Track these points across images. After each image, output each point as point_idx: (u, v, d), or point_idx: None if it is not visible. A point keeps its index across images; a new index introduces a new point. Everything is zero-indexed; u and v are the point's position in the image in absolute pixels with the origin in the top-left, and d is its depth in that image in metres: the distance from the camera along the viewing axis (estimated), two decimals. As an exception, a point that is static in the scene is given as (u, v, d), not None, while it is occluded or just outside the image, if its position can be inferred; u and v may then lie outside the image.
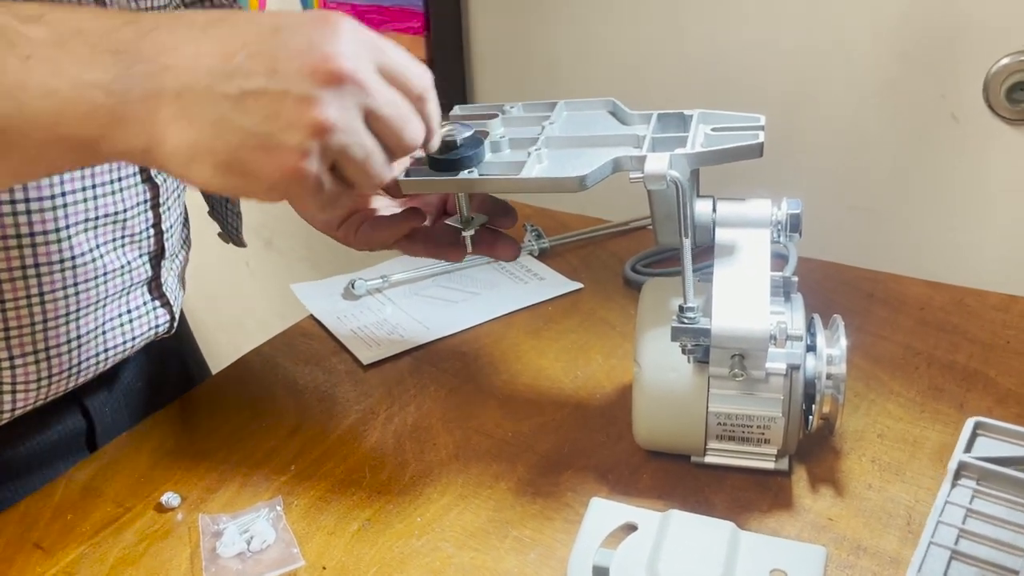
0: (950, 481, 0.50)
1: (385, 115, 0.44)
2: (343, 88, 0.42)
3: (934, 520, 0.47)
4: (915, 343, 0.73)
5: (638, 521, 0.52)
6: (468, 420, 0.67)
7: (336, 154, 0.43)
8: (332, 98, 0.42)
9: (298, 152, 0.42)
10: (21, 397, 0.60)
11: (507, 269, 0.88)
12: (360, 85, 0.43)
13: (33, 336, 0.58)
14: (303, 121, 0.41)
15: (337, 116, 0.42)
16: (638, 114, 0.59)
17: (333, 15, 0.43)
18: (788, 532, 0.55)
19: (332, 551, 0.55)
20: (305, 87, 0.41)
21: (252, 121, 0.41)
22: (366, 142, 0.44)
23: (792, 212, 0.56)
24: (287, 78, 0.41)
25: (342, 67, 0.42)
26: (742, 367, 0.54)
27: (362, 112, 0.43)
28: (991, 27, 0.85)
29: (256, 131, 0.41)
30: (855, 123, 0.94)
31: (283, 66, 0.41)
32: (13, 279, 0.56)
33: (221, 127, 0.41)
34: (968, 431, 0.56)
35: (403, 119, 0.45)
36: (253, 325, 1.60)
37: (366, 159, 0.44)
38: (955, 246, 0.94)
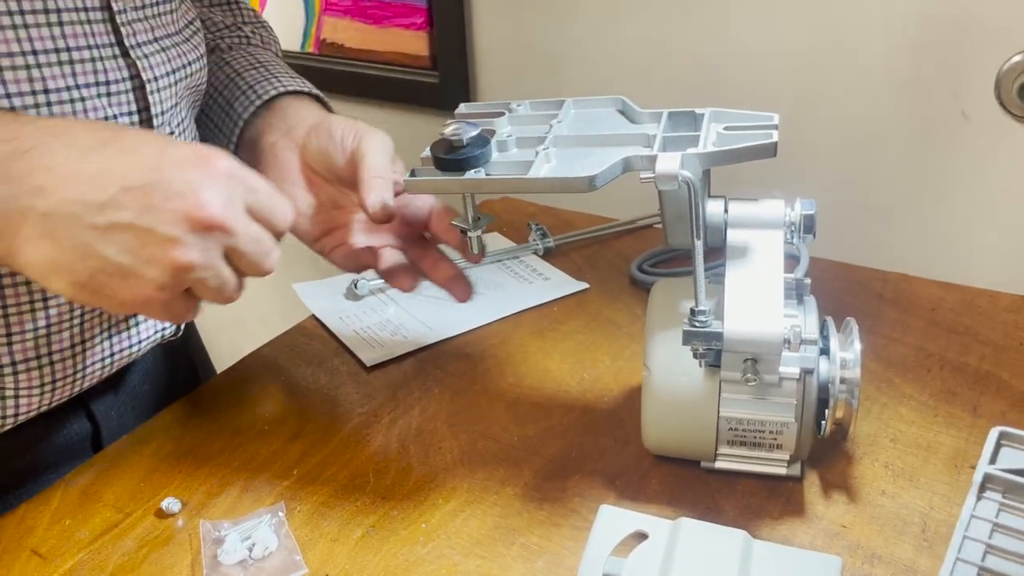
0: (975, 494, 0.49)
1: (247, 252, 0.48)
2: (210, 234, 0.45)
3: (960, 535, 0.46)
4: (926, 345, 0.72)
5: (648, 529, 0.51)
6: (473, 423, 0.66)
7: (190, 283, 0.47)
8: (197, 242, 0.45)
9: (155, 285, 0.45)
10: (24, 403, 0.59)
11: (512, 269, 0.87)
12: (227, 230, 0.46)
13: (36, 341, 0.57)
14: (165, 260, 0.44)
15: (198, 258, 0.45)
16: (648, 112, 0.57)
17: (213, 158, 0.47)
18: (800, 540, 0.54)
19: (336, 559, 0.54)
20: (175, 230, 0.44)
21: (115, 251, 0.44)
22: (222, 273, 0.47)
23: (806, 213, 0.54)
24: (158, 217, 0.44)
25: (213, 215, 0.45)
26: (755, 371, 0.53)
27: (224, 250, 0.47)
28: (1003, 25, 0.83)
29: (117, 261, 0.44)
30: (865, 121, 0.93)
31: (157, 206, 0.44)
32: (15, 284, 0.55)
33: (83, 252, 0.44)
34: (992, 442, 0.54)
35: (263, 253, 0.49)
36: (254, 324, 1.58)
37: (219, 287, 0.48)
38: (966, 246, 0.92)
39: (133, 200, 0.44)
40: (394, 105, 1.23)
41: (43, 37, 0.51)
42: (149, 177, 0.45)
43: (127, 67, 0.56)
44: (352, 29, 1.22)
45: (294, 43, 1.28)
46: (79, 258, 0.44)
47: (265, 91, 0.68)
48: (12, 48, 0.50)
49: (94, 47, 0.54)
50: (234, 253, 0.47)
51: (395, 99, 1.22)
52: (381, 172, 0.58)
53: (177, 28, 0.61)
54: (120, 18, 0.55)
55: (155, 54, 0.58)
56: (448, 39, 1.14)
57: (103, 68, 0.54)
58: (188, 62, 0.61)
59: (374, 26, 1.20)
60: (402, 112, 1.23)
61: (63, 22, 0.52)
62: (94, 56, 0.54)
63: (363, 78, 1.23)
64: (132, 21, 0.56)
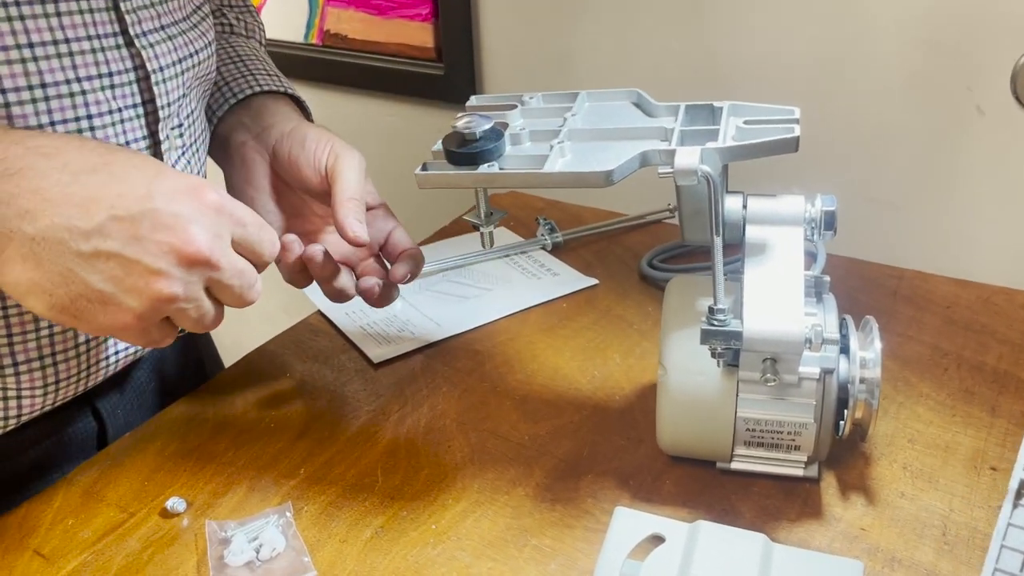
0: (1011, 501, 0.47)
1: (230, 285, 0.48)
2: (195, 268, 0.46)
3: (997, 544, 0.44)
4: (943, 343, 0.71)
5: (665, 532, 0.50)
6: (483, 422, 0.65)
7: (170, 313, 0.47)
8: (182, 275, 0.45)
9: (134, 314, 0.45)
10: (27, 403, 0.58)
11: (520, 264, 0.86)
12: (212, 265, 0.46)
13: (38, 342, 0.56)
14: (148, 291, 0.45)
15: (181, 291, 0.45)
16: (664, 105, 0.56)
17: (203, 189, 0.47)
18: (818, 542, 0.53)
19: (344, 560, 0.53)
20: (160, 262, 0.44)
21: (98, 279, 0.44)
22: (203, 305, 0.48)
23: (827, 209, 0.53)
24: (144, 249, 0.44)
25: (200, 250, 0.45)
26: (774, 371, 0.51)
27: (207, 283, 0.47)
28: (1018, 19, 0.82)
29: (99, 288, 0.44)
30: (879, 115, 0.91)
31: (144, 236, 0.44)
32: None
33: (67, 278, 0.44)
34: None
35: (246, 286, 0.49)
36: (257, 318, 1.57)
37: (199, 318, 0.48)
38: (981, 242, 0.91)
39: (121, 230, 0.44)
40: (398, 97, 1.22)
41: (40, 28, 0.49)
42: (138, 207, 0.44)
43: (131, 57, 0.54)
44: (356, 20, 1.21)
45: (297, 34, 1.26)
46: (62, 283, 0.44)
47: (241, 89, 0.67)
48: (7, 41, 0.48)
49: (95, 37, 0.52)
50: (217, 286, 0.48)
51: (399, 91, 1.21)
52: (357, 195, 0.58)
53: (185, 14, 0.59)
54: (125, 5, 0.53)
55: (161, 43, 0.56)
56: (454, 30, 1.12)
57: (105, 59, 0.53)
58: (196, 50, 0.60)
59: (378, 17, 1.18)
60: (406, 104, 1.21)
61: (61, 12, 0.50)
62: (95, 47, 0.52)
63: (367, 70, 1.22)
64: (138, 8, 0.54)
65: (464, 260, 0.86)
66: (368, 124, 1.25)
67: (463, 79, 1.13)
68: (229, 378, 0.71)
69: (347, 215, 0.57)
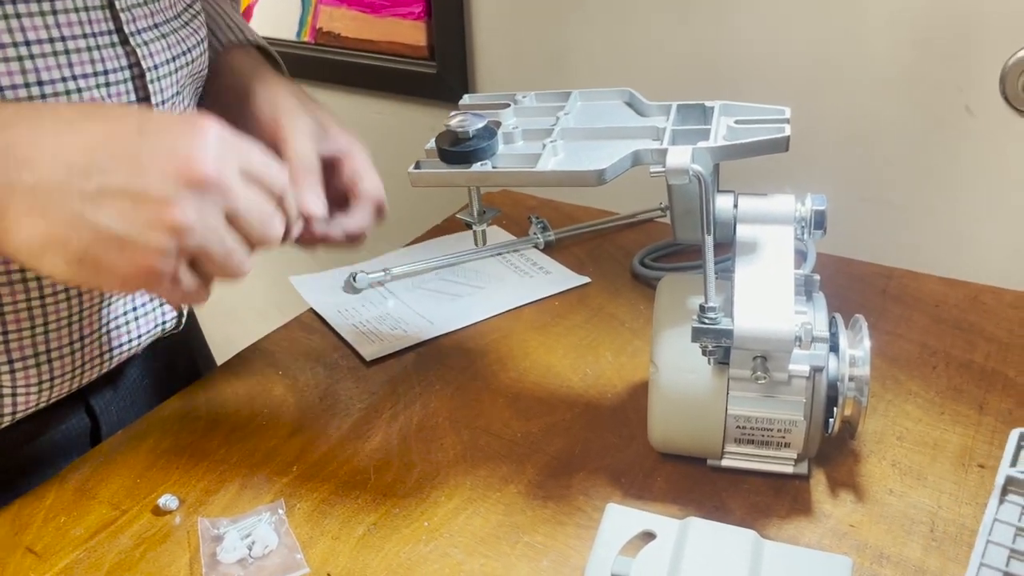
0: (997, 497, 0.48)
1: (247, 215, 0.45)
2: (204, 191, 0.43)
3: (983, 539, 0.45)
4: (931, 341, 0.71)
5: (656, 529, 0.50)
6: (475, 419, 0.65)
7: (195, 252, 0.44)
8: (193, 200, 0.43)
9: (154, 252, 0.43)
10: (22, 400, 0.58)
11: (512, 263, 0.86)
12: (222, 188, 0.44)
13: (33, 339, 0.56)
14: (162, 222, 0.42)
15: (196, 218, 0.43)
16: (656, 105, 0.57)
17: (200, 120, 0.45)
18: (808, 539, 0.53)
19: (337, 557, 0.53)
20: (166, 189, 0.42)
21: (108, 219, 0.42)
22: (226, 240, 0.45)
23: (817, 208, 0.54)
24: (149, 178, 0.42)
25: (205, 170, 0.43)
26: (764, 369, 0.52)
27: (224, 213, 0.45)
28: (1008, 19, 0.83)
29: (112, 229, 0.42)
30: (869, 115, 0.92)
31: (146, 166, 0.42)
32: (12, 282, 0.54)
33: (75, 223, 0.42)
34: (1013, 444, 0.54)
35: (265, 216, 0.47)
36: (249, 315, 1.57)
37: (226, 256, 0.45)
38: (970, 241, 0.92)
39: (122, 163, 0.42)
40: (391, 96, 1.22)
41: (36, 27, 0.49)
42: (137, 139, 0.43)
43: (126, 55, 0.54)
44: (349, 18, 1.21)
45: (290, 32, 1.26)
46: (72, 230, 0.42)
47: None
48: (3, 39, 0.48)
49: (91, 35, 0.52)
50: (235, 218, 0.45)
51: (392, 90, 1.21)
52: (312, 167, 0.56)
53: (176, 12, 0.60)
54: (119, 3, 0.53)
55: (155, 41, 0.56)
56: (446, 29, 1.12)
57: (100, 57, 0.53)
58: (188, 48, 0.60)
59: (371, 15, 1.18)
60: (399, 103, 1.21)
61: (57, 10, 0.50)
62: (91, 45, 0.52)
63: (360, 68, 1.22)
64: (132, 6, 0.54)
65: (456, 258, 0.86)
66: (361, 123, 1.25)
67: (456, 78, 1.13)
68: (221, 376, 0.71)
69: (307, 191, 0.55)
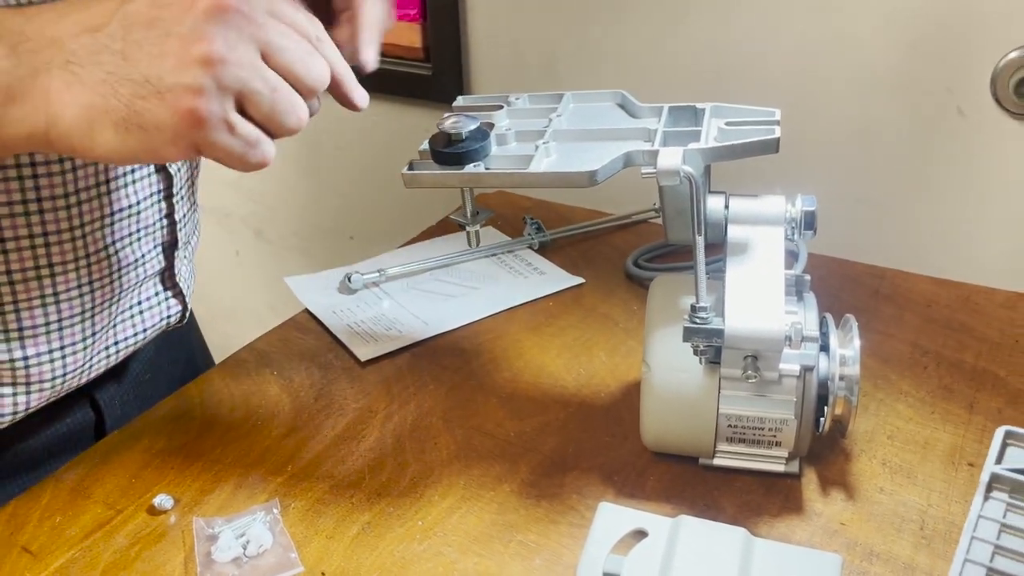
0: (982, 494, 0.49)
1: (282, 48, 0.43)
2: (228, 19, 0.41)
3: (967, 535, 0.46)
4: (922, 341, 0.72)
5: (648, 527, 0.50)
6: (469, 419, 0.65)
7: (237, 92, 0.42)
8: (218, 31, 0.41)
9: (191, 91, 0.40)
10: (36, 396, 0.59)
11: (506, 263, 0.86)
12: (247, 17, 0.41)
13: (48, 335, 0.57)
14: (190, 57, 0.40)
15: (225, 48, 0.41)
16: (648, 107, 0.57)
17: None
18: (799, 537, 0.54)
19: (331, 556, 0.53)
20: (188, 24, 0.40)
21: (140, 69, 0.41)
22: (267, 76, 0.42)
23: (807, 209, 0.54)
24: (170, 20, 0.41)
25: (226, 0, 0.41)
26: (755, 368, 0.52)
27: (256, 46, 0.42)
28: (999, 20, 0.83)
29: (146, 78, 0.41)
30: (861, 116, 0.93)
31: (166, 10, 0.41)
32: (27, 279, 0.55)
33: (112, 82, 0.41)
34: (998, 441, 0.54)
35: (304, 52, 0.44)
36: (244, 315, 1.57)
37: (272, 94, 0.43)
38: (961, 242, 0.93)
39: (141, 14, 0.41)
40: (386, 97, 1.22)
41: None
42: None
43: None
44: (344, 20, 1.21)
45: (285, 33, 1.27)
46: (110, 91, 0.41)
47: None
48: None
49: None
50: (270, 56, 0.43)
51: (387, 91, 1.21)
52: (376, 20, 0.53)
53: None
54: None
55: None
56: (441, 31, 1.13)
57: None
58: None
59: (367, 17, 1.19)
60: (394, 104, 1.22)
61: None
62: None
63: (354, 69, 1.22)
64: None
65: (451, 259, 0.86)
66: (356, 123, 1.26)
67: (451, 79, 1.14)
68: (217, 376, 0.71)
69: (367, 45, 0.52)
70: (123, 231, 0.59)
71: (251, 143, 0.43)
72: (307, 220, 1.48)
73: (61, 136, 0.42)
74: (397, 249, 0.90)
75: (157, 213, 0.62)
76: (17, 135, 0.42)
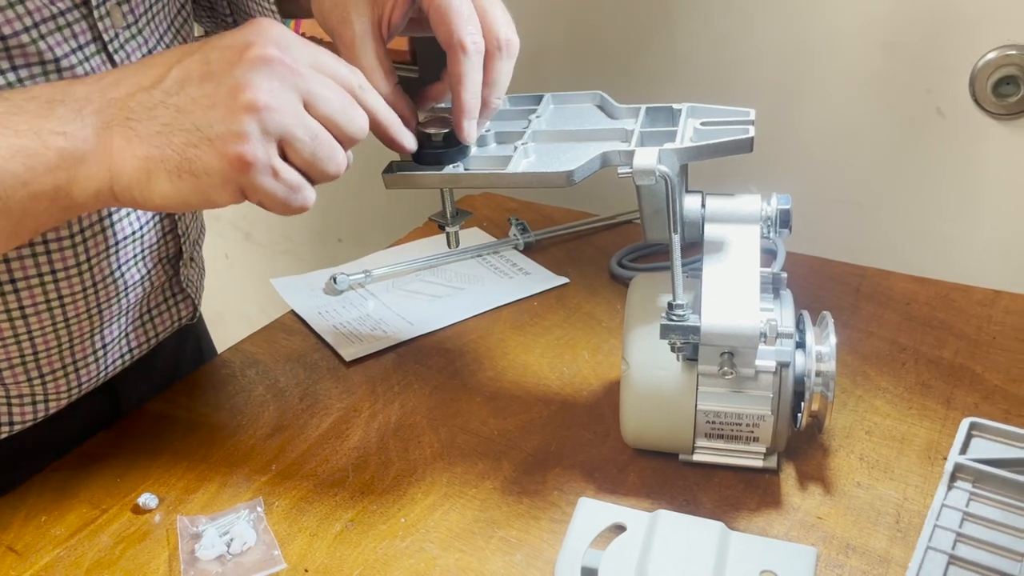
0: (946, 483, 0.49)
1: (323, 97, 0.45)
2: (272, 69, 0.43)
3: (931, 524, 0.47)
4: (901, 339, 0.73)
5: (626, 521, 0.51)
6: (453, 418, 0.66)
7: (280, 137, 0.44)
8: (263, 80, 0.43)
9: (237, 137, 0.43)
10: (53, 404, 0.62)
11: (492, 264, 0.87)
12: (290, 68, 0.44)
13: (60, 354, 0.60)
14: (237, 104, 0.43)
15: (269, 96, 0.43)
16: (626, 108, 0.58)
17: (263, 20, 0.45)
18: (777, 531, 0.54)
19: (314, 553, 0.54)
20: (234, 76, 0.43)
21: (192, 119, 0.43)
22: (309, 123, 0.45)
23: (782, 208, 0.55)
24: (219, 73, 0.43)
25: (267, 51, 0.43)
26: (732, 365, 0.53)
27: (299, 95, 0.44)
28: (978, 21, 0.84)
29: (197, 127, 0.43)
30: (842, 116, 0.94)
31: (214, 63, 0.44)
32: (38, 312, 0.57)
33: (167, 133, 0.43)
34: (963, 432, 0.55)
35: (345, 103, 0.46)
36: (233, 319, 1.58)
37: (314, 141, 0.45)
38: (941, 241, 0.94)
39: (193, 69, 0.44)
40: (374, 100, 1.23)
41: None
42: (201, 49, 0.45)
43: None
44: (332, 23, 1.22)
45: (273, 37, 1.27)
46: (165, 141, 0.43)
47: None
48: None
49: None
50: (312, 105, 0.45)
51: (375, 94, 1.22)
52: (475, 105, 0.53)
53: (168, 23, 0.61)
54: (111, 46, 0.55)
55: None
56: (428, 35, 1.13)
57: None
58: None
59: (354, 20, 1.19)
60: (382, 107, 1.22)
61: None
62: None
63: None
64: (125, 42, 0.56)
65: (437, 260, 0.87)
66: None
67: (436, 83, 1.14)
68: (202, 376, 0.72)
69: (469, 119, 0.53)
70: (127, 256, 0.61)
71: (293, 188, 0.45)
72: (296, 223, 1.49)
73: (123, 190, 0.44)
74: (383, 250, 0.91)
75: (159, 233, 0.64)
76: (87, 193, 0.44)
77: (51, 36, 0.51)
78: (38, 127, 0.43)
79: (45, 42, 0.51)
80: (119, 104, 0.44)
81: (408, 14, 0.54)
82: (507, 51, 0.54)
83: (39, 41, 0.51)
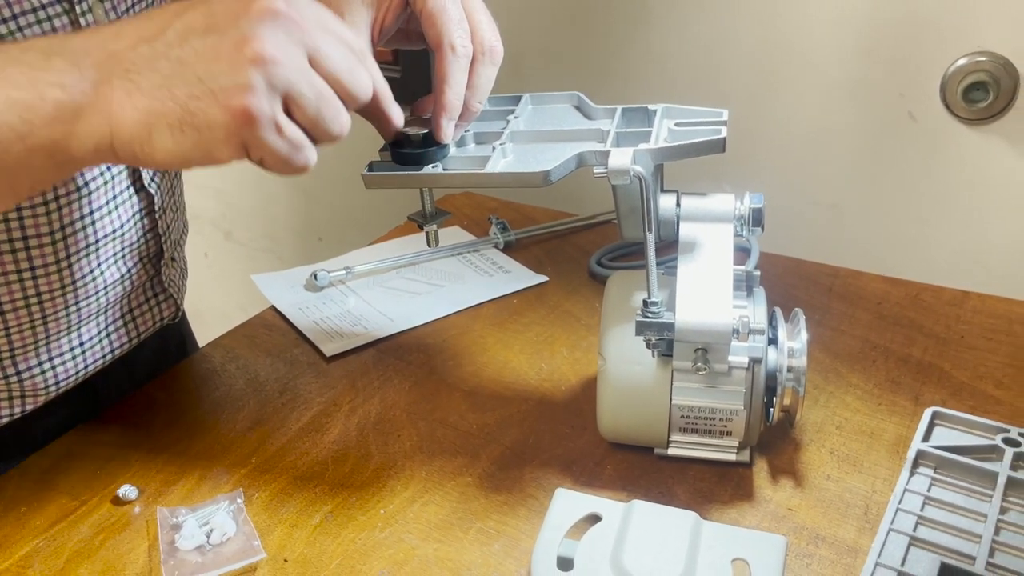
0: (908, 469, 0.51)
1: (329, 55, 0.44)
2: (279, 22, 0.42)
3: (893, 507, 0.48)
4: (873, 337, 0.74)
5: (602, 511, 0.52)
6: (432, 412, 0.67)
7: (285, 92, 0.43)
8: (269, 33, 0.42)
9: (242, 89, 0.41)
10: (30, 402, 0.62)
11: (472, 262, 0.88)
12: (296, 23, 0.43)
13: (36, 351, 0.60)
14: (242, 56, 0.41)
15: (274, 49, 0.42)
16: (602, 108, 0.59)
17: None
18: (749, 522, 0.56)
19: (294, 544, 0.55)
20: (240, 28, 0.42)
21: (195, 71, 0.42)
22: (314, 80, 0.44)
23: (754, 206, 0.56)
24: (223, 25, 0.42)
25: (274, 4, 0.42)
26: (705, 361, 0.54)
27: (305, 51, 0.43)
28: (949, 28, 0.86)
29: (200, 79, 0.42)
30: (816, 119, 0.95)
31: (219, 18, 0.42)
32: (16, 308, 0.57)
33: (169, 87, 0.42)
34: (926, 421, 0.57)
35: (351, 63, 0.45)
36: (212, 316, 1.58)
37: (318, 99, 0.44)
38: (912, 242, 0.95)
39: (196, 21, 0.43)
40: (356, 99, 1.23)
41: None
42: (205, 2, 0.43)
43: None
44: (314, 23, 1.22)
45: (256, 36, 1.27)
46: (167, 94, 0.42)
47: None
48: None
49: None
50: (318, 63, 0.44)
51: (357, 93, 1.22)
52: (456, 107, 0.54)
53: None
54: None
55: None
56: (411, 34, 1.14)
57: None
58: None
59: (337, 20, 1.20)
60: (364, 106, 1.23)
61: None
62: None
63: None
64: None
65: (418, 257, 0.88)
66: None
67: (419, 82, 1.15)
68: (183, 371, 0.72)
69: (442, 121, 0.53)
70: (107, 254, 0.61)
71: (296, 146, 0.44)
72: (277, 222, 1.49)
73: (124, 144, 0.43)
74: (364, 247, 0.91)
75: (140, 231, 0.64)
76: (86, 148, 0.43)
77: (30, 29, 0.51)
78: (35, 79, 0.42)
79: (23, 35, 0.51)
80: (119, 56, 0.43)
81: (401, 17, 0.54)
82: (491, 57, 0.55)
83: (16, 33, 0.50)
